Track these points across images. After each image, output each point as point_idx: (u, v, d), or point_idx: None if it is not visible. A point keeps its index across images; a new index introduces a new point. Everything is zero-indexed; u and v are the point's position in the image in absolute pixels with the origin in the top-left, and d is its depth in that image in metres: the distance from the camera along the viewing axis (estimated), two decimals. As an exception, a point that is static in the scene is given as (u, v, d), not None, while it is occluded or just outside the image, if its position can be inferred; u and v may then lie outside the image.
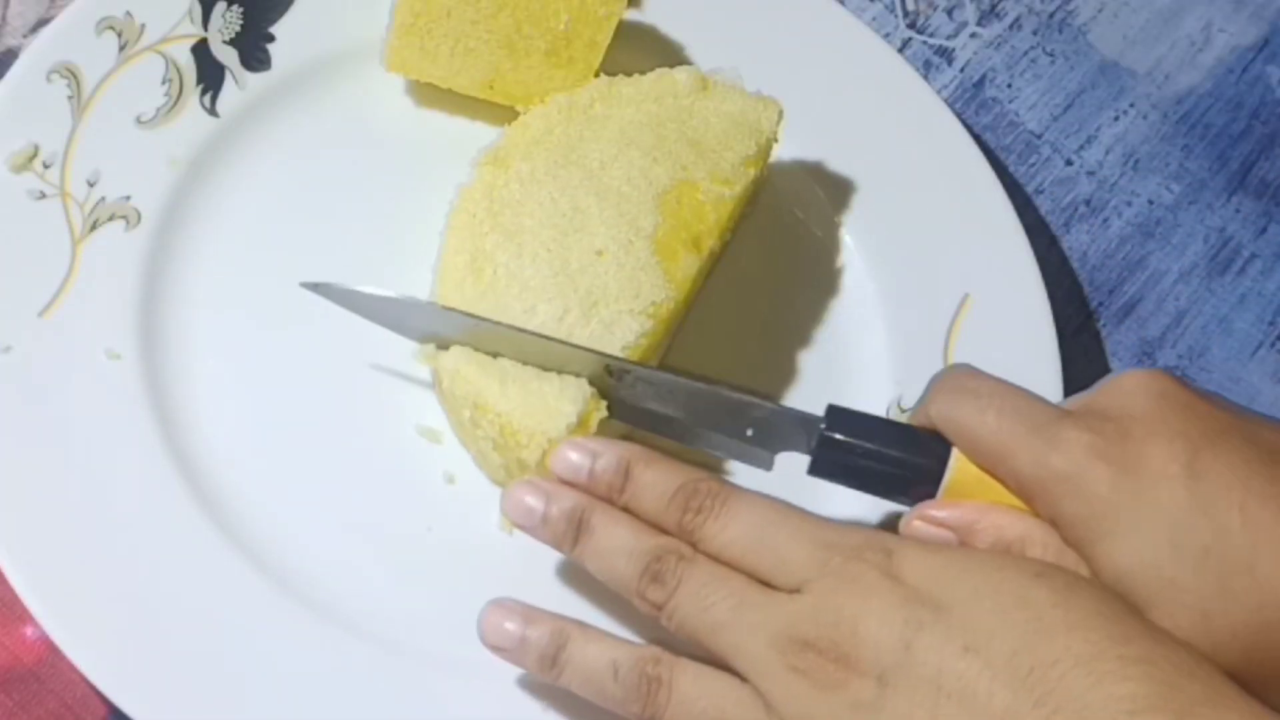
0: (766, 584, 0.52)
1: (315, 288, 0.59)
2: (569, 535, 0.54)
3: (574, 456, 0.55)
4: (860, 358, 0.66)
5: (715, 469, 0.62)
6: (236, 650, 0.56)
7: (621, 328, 0.58)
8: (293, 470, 0.60)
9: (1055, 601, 0.49)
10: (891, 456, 0.56)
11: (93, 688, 0.55)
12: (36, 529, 0.56)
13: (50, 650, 0.56)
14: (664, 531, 0.54)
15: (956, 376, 0.56)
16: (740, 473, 0.60)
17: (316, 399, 0.62)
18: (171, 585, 0.56)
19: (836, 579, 0.50)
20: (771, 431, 0.57)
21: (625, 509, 0.54)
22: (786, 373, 0.66)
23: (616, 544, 0.53)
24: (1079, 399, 0.55)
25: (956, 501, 0.55)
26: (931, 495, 0.55)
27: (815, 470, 0.57)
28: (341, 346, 0.63)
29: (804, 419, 0.57)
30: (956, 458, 0.55)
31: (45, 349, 0.59)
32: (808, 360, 0.66)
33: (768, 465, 0.59)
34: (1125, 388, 0.54)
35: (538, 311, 0.58)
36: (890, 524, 0.59)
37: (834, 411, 0.57)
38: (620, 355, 0.58)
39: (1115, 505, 0.51)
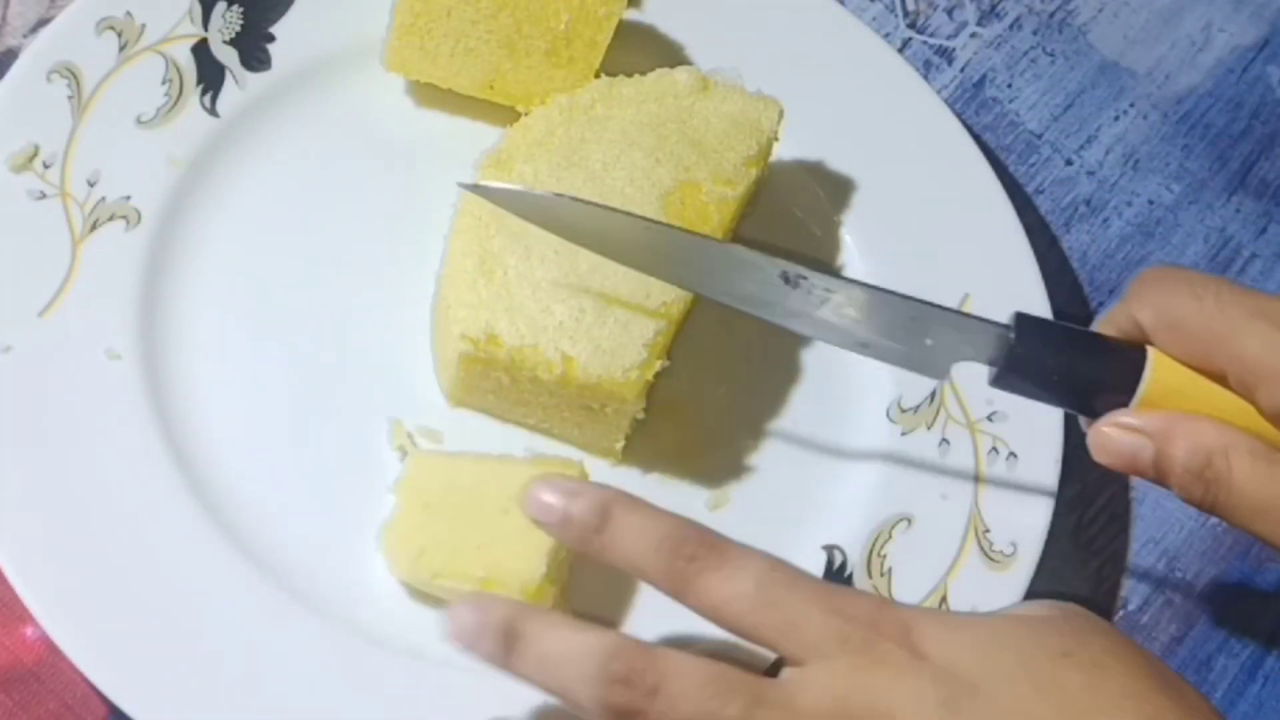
0: (771, 647, 0.48)
1: (474, 188, 0.57)
2: (500, 649, 0.48)
3: (548, 498, 0.49)
4: (860, 357, 0.66)
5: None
6: (237, 650, 0.56)
7: (638, 327, 0.58)
8: (293, 470, 0.60)
9: (1086, 684, 0.48)
10: (1084, 367, 0.54)
11: (93, 688, 0.55)
12: (36, 529, 0.56)
13: (50, 650, 0.56)
14: (647, 579, 0.49)
15: (1163, 270, 0.54)
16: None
17: (317, 399, 0.62)
18: (171, 585, 0.56)
19: (861, 657, 0.48)
20: (956, 341, 0.55)
21: (601, 555, 0.49)
22: (786, 372, 0.66)
23: (560, 648, 0.47)
24: None
25: (1150, 409, 0.53)
26: (1124, 404, 0.53)
27: (999, 383, 0.55)
28: (342, 347, 0.63)
29: (991, 328, 0.55)
30: (1154, 364, 0.53)
31: (45, 349, 0.59)
32: (808, 360, 0.66)
33: (944, 375, 0.56)
34: None
35: (554, 312, 0.58)
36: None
37: (1023, 320, 0.54)
38: (643, 355, 0.58)
39: None
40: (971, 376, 0.65)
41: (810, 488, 0.63)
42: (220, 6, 0.66)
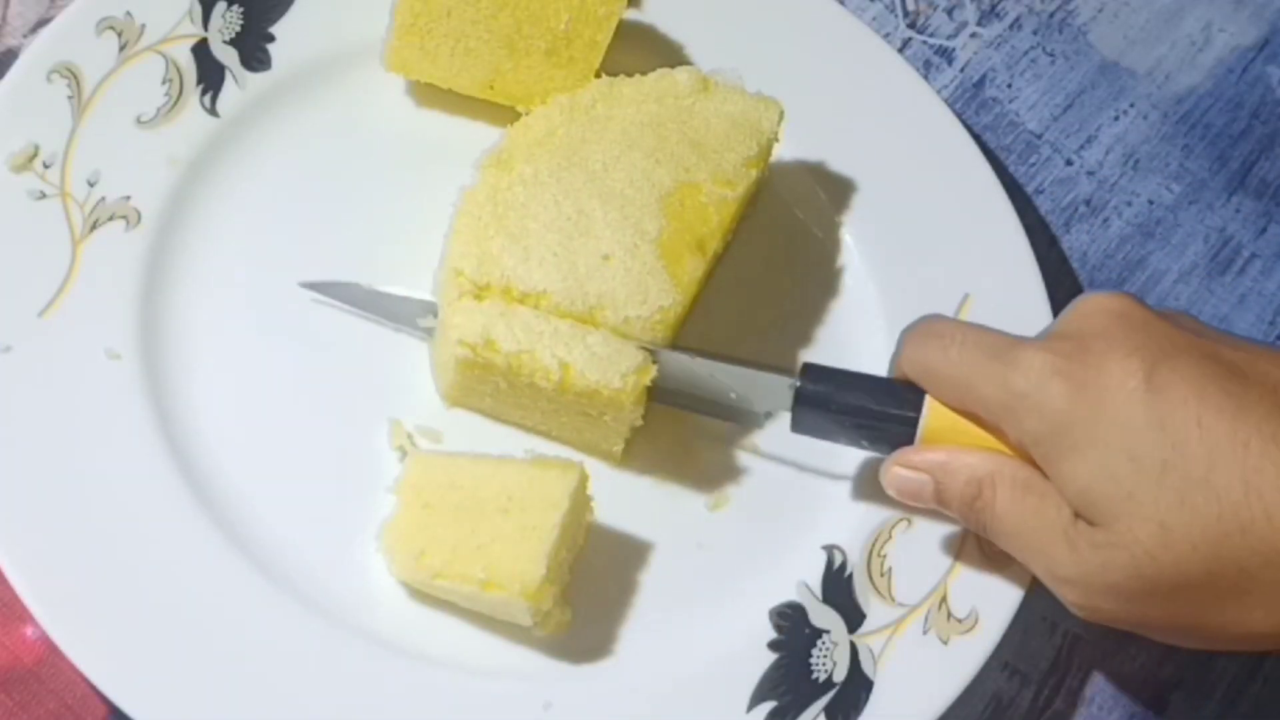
0: None
1: (315, 286, 0.59)
2: None
3: None
4: (860, 358, 0.66)
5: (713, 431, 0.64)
6: (236, 649, 0.56)
7: (634, 331, 0.58)
8: (293, 470, 0.60)
9: None
10: (869, 409, 0.58)
11: (93, 688, 0.55)
12: (36, 529, 0.56)
13: (50, 650, 0.56)
14: None
15: (922, 324, 0.58)
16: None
17: (316, 399, 0.62)
18: (171, 585, 0.56)
19: None
20: (753, 393, 0.59)
21: None
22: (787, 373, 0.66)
23: None
24: (1045, 328, 0.57)
25: (931, 446, 0.57)
26: (909, 444, 0.57)
27: (797, 427, 0.59)
28: (342, 347, 0.63)
29: (780, 379, 0.58)
30: (930, 404, 0.57)
31: (45, 349, 0.59)
32: (807, 360, 0.66)
33: (760, 424, 0.61)
34: (1085, 310, 0.55)
35: (551, 318, 0.58)
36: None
37: (810, 369, 0.59)
38: (639, 359, 0.58)
39: (1074, 420, 0.52)
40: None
41: (810, 488, 0.63)
42: (220, 6, 0.66)
